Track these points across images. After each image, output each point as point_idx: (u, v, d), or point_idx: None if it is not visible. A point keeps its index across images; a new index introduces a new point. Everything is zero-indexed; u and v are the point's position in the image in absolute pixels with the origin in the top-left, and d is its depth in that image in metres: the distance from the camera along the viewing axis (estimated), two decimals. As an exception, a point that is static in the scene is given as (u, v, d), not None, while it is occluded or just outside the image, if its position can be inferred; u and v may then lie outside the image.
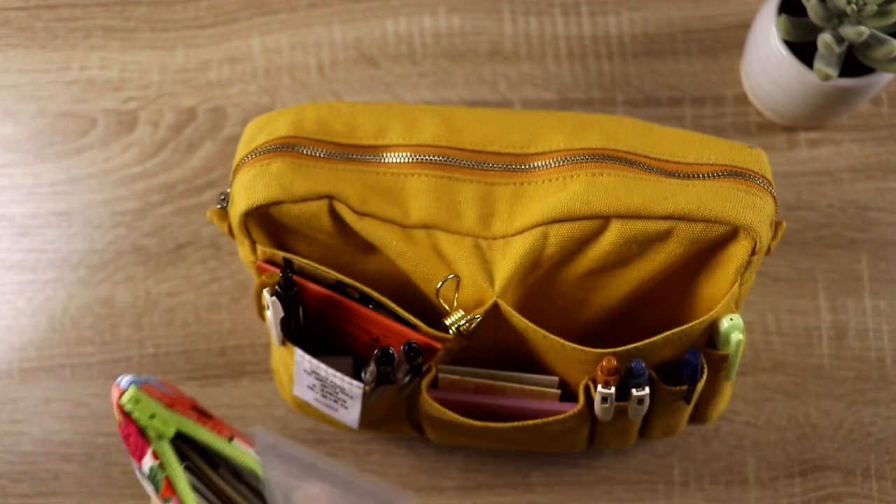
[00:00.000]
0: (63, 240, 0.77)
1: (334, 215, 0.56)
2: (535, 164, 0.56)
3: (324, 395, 0.62)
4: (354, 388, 0.59)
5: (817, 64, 0.68)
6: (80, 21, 0.81)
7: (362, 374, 0.59)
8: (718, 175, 0.55)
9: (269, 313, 0.59)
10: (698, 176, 0.55)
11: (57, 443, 0.74)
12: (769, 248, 0.57)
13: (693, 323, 0.56)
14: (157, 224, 0.77)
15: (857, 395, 0.73)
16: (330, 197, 0.56)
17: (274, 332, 0.60)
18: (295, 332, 0.61)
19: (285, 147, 0.56)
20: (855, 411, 0.73)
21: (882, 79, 0.69)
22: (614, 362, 0.57)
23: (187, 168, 0.78)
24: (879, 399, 0.73)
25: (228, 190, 0.58)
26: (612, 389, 0.58)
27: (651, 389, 0.59)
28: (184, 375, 0.74)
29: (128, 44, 0.80)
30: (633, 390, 0.58)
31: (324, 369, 0.60)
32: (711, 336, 0.59)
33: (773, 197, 0.56)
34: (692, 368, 0.58)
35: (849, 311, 0.74)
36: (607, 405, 0.59)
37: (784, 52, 0.69)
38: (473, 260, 0.57)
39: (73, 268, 0.76)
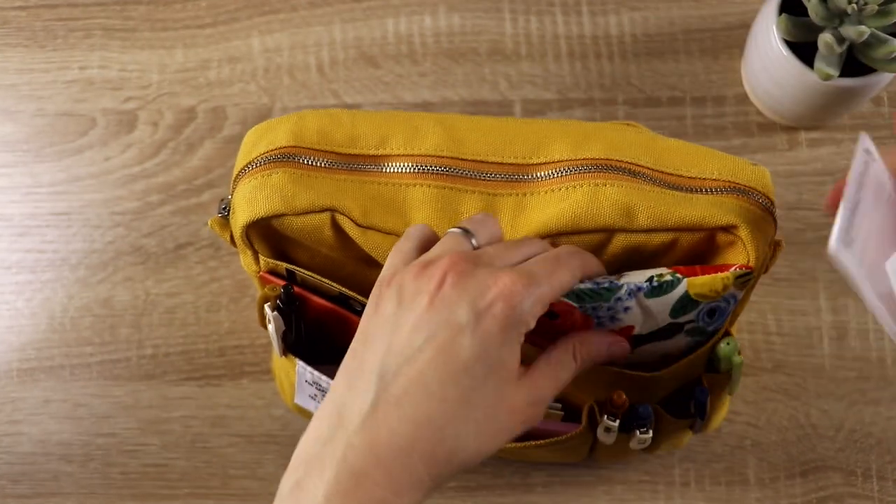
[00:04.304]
0: (62, 240, 0.77)
1: (336, 228, 0.56)
2: (538, 174, 0.56)
3: None
4: None
5: (818, 64, 0.67)
6: (80, 21, 0.80)
7: None
8: (721, 191, 0.54)
9: (270, 326, 0.59)
10: (701, 190, 0.54)
11: (56, 443, 0.73)
12: (767, 267, 0.56)
13: (690, 357, 0.56)
14: (157, 224, 0.77)
15: (858, 395, 0.73)
16: (332, 210, 0.55)
17: (275, 343, 0.60)
18: (296, 344, 0.60)
19: (286, 157, 0.55)
20: (856, 412, 0.73)
21: (883, 79, 0.69)
22: (623, 397, 0.57)
23: (187, 168, 0.77)
24: (880, 399, 0.73)
25: (229, 197, 0.58)
26: (617, 422, 0.58)
27: (657, 421, 0.60)
28: (183, 376, 0.74)
29: (127, 43, 0.80)
30: (637, 431, 0.59)
31: (325, 380, 0.59)
32: (711, 359, 0.59)
33: (774, 216, 0.55)
34: (701, 405, 0.58)
35: (849, 311, 0.74)
36: (611, 433, 0.59)
37: (785, 51, 0.69)
38: None
39: (72, 268, 0.76)
